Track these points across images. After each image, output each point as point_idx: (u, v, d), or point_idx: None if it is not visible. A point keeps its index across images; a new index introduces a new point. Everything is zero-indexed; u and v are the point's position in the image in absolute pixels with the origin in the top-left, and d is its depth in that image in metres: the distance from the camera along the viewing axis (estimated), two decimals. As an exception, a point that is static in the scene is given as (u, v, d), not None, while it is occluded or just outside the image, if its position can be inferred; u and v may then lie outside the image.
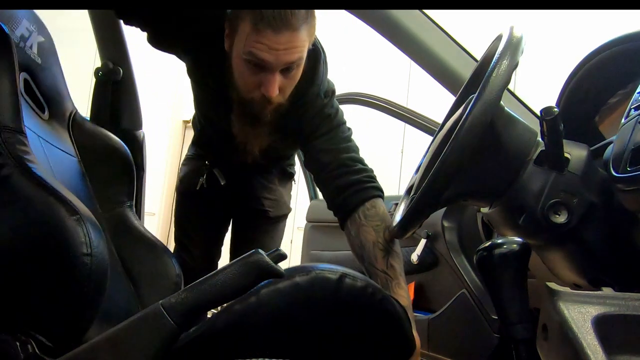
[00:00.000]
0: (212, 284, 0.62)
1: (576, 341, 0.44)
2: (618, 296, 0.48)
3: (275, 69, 0.97)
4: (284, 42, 0.93)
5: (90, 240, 0.66)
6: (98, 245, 0.68)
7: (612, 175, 0.58)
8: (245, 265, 0.63)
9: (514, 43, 0.65)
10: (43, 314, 0.67)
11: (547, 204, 0.63)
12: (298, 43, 0.95)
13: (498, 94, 0.61)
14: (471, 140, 0.61)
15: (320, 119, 1.12)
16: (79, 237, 0.66)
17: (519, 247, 0.70)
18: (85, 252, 0.66)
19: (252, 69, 0.98)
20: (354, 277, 0.67)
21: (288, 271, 0.68)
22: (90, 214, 0.71)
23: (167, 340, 0.60)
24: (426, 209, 0.67)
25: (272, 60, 0.95)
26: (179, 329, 0.60)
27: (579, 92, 0.84)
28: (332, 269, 0.68)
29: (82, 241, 0.66)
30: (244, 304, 0.66)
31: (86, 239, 0.66)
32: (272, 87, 0.97)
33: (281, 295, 0.66)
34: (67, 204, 0.67)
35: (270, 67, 0.96)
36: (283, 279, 0.66)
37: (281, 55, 0.95)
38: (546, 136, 0.64)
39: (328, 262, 2.23)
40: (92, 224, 0.68)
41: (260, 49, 0.94)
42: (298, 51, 0.96)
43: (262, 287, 0.66)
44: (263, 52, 0.94)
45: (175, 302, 0.61)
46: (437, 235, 1.56)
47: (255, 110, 1.06)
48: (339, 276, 0.67)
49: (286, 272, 0.67)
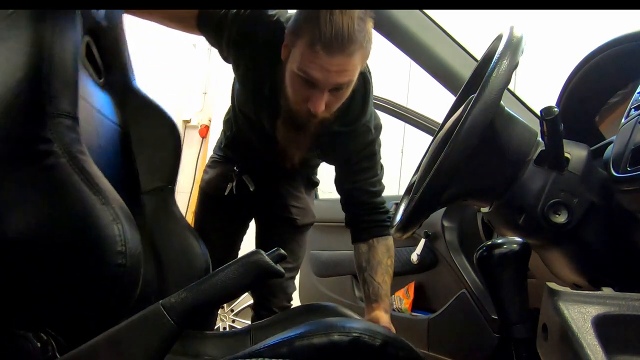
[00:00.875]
0: (212, 283, 0.62)
1: (576, 341, 0.44)
2: (618, 296, 0.48)
3: (324, 88, 1.02)
4: (337, 65, 0.98)
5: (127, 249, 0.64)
6: (134, 254, 0.65)
7: (612, 175, 0.58)
8: (246, 265, 0.63)
9: (514, 43, 0.64)
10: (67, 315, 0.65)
11: (547, 204, 0.63)
12: (350, 67, 1.00)
13: (498, 94, 0.61)
14: (471, 140, 0.61)
15: (366, 154, 1.23)
16: (116, 246, 0.63)
17: (519, 247, 0.69)
18: (121, 263, 0.63)
19: (303, 84, 1.03)
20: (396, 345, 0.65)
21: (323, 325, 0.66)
22: (131, 216, 0.68)
23: (167, 340, 0.60)
24: (426, 209, 0.67)
25: (322, 80, 1.00)
26: (179, 329, 0.60)
27: (579, 92, 0.84)
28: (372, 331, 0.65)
29: (119, 250, 0.63)
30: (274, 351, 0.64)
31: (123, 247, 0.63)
32: (319, 104, 1.03)
33: (316, 351, 0.64)
34: (110, 207, 0.64)
35: (320, 86, 1.02)
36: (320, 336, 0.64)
37: (332, 77, 1.00)
38: (546, 136, 0.64)
39: (326, 262, 2.22)
40: (130, 229, 0.66)
41: (312, 68, 0.99)
42: (349, 74, 1.02)
43: (296, 339, 0.65)
44: (315, 72, 0.99)
45: (175, 301, 0.61)
46: (437, 235, 1.56)
47: (299, 121, 1.12)
48: (380, 344, 0.65)
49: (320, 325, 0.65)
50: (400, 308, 1.69)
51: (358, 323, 0.68)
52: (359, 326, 0.67)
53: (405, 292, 1.70)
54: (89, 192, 0.63)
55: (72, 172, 0.63)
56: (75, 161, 0.64)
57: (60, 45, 0.65)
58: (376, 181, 1.27)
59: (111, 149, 0.92)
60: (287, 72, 1.06)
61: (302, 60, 0.99)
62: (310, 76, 1.00)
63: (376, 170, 1.27)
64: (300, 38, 0.99)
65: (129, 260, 0.64)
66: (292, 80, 1.05)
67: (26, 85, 0.62)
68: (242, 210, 1.53)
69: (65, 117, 0.65)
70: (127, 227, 0.65)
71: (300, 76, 1.02)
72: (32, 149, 0.62)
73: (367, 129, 1.21)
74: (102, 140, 0.87)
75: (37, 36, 0.63)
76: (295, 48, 1.02)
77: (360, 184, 1.25)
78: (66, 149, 0.63)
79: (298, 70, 1.01)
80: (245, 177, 1.43)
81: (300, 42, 0.99)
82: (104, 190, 0.65)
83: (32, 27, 0.63)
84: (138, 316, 0.61)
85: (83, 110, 0.74)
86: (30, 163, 0.62)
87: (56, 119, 0.64)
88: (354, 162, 1.23)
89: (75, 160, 0.64)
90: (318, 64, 0.98)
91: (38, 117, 0.62)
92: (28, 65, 0.62)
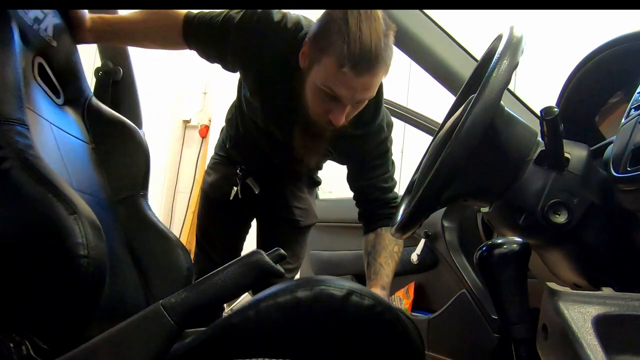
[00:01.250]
0: (212, 283, 0.62)
1: (576, 341, 0.44)
2: (618, 296, 0.48)
3: (347, 103, 1.04)
4: (362, 84, 1.00)
5: (87, 241, 0.65)
6: (96, 246, 0.66)
7: (612, 175, 0.58)
8: (245, 265, 0.63)
9: (514, 43, 0.64)
10: (37, 314, 0.65)
11: (547, 204, 0.63)
12: (374, 84, 1.02)
13: (498, 94, 0.61)
14: (471, 140, 0.61)
15: (379, 152, 1.25)
16: (76, 237, 0.64)
17: (519, 247, 0.69)
18: (83, 254, 0.64)
19: (326, 97, 1.04)
20: (361, 294, 0.63)
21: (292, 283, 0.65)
22: (91, 212, 0.69)
23: (167, 340, 0.60)
24: (426, 209, 0.67)
25: (347, 97, 1.02)
26: (179, 329, 0.60)
27: (579, 92, 0.84)
28: (337, 284, 0.64)
29: (80, 242, 0.64)
30: (242, 316, 0.64)
31: (84, 239, 0.65)
32: (340, 118, 1.05)
33: (281, 310, 0.63)
34: (66, 202, 0.65)
35: (344, 102, 1.03)
36: (285, 293, 0.63)
37: (357, 94, 1.02)
38: (546, 136, 0.64)
39: (327, 262, 2.23)
40: (90, 224, 0.67)
41: (338, 86, 1.00)
42: (372, 91, 1.04)
43: (262, 301, 0.64)
44: (341, 90, 1.00)
45: (175, 302, 0.61)
46: (437, 235, 1.56)
47: (317, 129, 1.13)
48: (345, 293, 0.63)
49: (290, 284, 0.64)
50: (400, 308, 1.69)
51: (326, 279, 0.66)
52: (324, 280, 0.65)
53: (405, 292, 1.70)
54: (44, 190, 0.65)
55: (26, 174, 0.65)
56: (27, 164, 0.66)
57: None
58: (388, 177, 1.29)
59: (77, 162, 0.94)
60: (309, 84, 1.06)
61: (328, 77, 1.00)
62: (336, 93, 1.01)
63: (388, 167, 1.28)
64: (327, 55, 0.98)
65: (91, 252, 0.65)
66: (313, 92, 1.05)
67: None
68: (245, 211, 1.52)
69: (14, 124, 0.68)
70: (86, 221, 0.66)
71: (324, 90, 1.02)
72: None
73: (381, 128, 1.23)
74: (64, 153, 0.89)
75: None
76: (320, 64, 1.01)
77: (373, 181, 1.27)
78: (18, 154, 0.66)
79: (323, 85, 1.01)
80: (250, 180, 1.42)
81: (326, 59, 0.99)
82: (59, 187, 0.66)
83: None
84: (138, 316, 0.61)
85: (42, 128, 0.78)
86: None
87: (5, 126, 0.67)
88: (368, 160, 1.25)
89: (27, 163, 0.66)
90: (344, 82, 0.98)
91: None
92: None
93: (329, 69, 0.99)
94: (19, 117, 0.69)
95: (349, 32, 0.95)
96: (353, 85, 0.99)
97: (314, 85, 1.03)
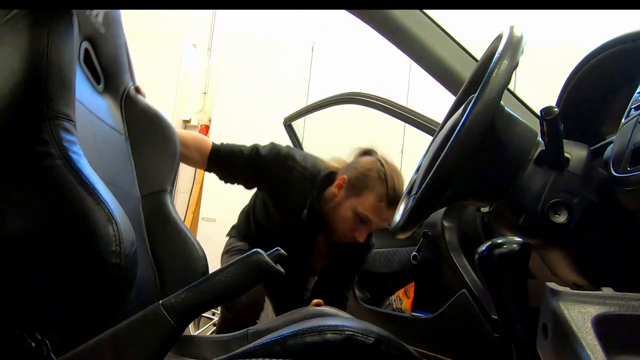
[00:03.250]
0: (212, 283, 0.62)
1: (576, 341, 0.44)
2: (618, 296, 0.48)
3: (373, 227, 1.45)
4: (389, 215, 1.39)
5: (122, 249, 0.64)
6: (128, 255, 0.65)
7: (612, 175, 0.58)
8: (245, 265, 0.63)
9: (514, 43, 0.64)
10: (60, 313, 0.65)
11: (547, 204, 0.63)
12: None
13: (498, 94, 0.61)
14: (471, 140, 0.61)
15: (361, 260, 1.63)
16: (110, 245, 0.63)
17: (519, 247, 0.69)
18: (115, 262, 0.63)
19: (357, 220, 1.42)
20: (389, 344, 0.65)
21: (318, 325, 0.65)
22: (126, 218, 0.68)
23: (167, 340, 0.60)
24: (426, 209, 0.67)
25: (376, 223, 1.43)
26: (179, 329, 0.60)
27: (579, 92, 0.83)
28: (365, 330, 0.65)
29: (114, 250, 0.63)
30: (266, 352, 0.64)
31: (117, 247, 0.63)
32: (364, 237, 1.46)
33: (309, 351, 0.64)
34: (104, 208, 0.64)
35: (372, 226, 1.43)
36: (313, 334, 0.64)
37: (383, 222, 1.43)
38: (546, 136, 0.63)
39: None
40: (125, 231, 0.66)
41: (374, 215, 1.41)
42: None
43: (289, 338, 0.64)
44: (375, 218, 1.41)
45: (175, 302, 0.61)
46: (437, 235, 1.56)
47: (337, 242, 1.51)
48: (373, 342, 0.65)
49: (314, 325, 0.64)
50: (400, 308, 1.69)
51: (352, 322, 0.68)
52: (352, 325, 0.67)
53: (405, 292, 1.70)
54: (84, 192, 0.64)
55: (68, 174, 0.64)
56: (70, 163, 0.64)
57: (57, 49, 0.66)
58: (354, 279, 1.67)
59: (109, 153, 0.93)
60: (344, 207, 1.43)
61: (367, 208, 1.40)
62: (370, 220, 1.41)
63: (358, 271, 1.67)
64: (370, 191, 1.40)
65: (124, 260, 0.64)
66: (347, 215, 1.42)
67: (24, 88, 0.63)
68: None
69: (62, 120, 0.66)
70: (122, 228, 0.65)
71: (359, 215, 1.40)
72: (29, 151, 0.62)
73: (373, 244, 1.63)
74: (99, 144, 0.88)
75: (34, 41, 0.64)
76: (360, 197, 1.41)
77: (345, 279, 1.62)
78: (62, 151, 0.64)
79: (360, 213, 1.40)
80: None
81: (368, 194, 1.40)
82: (99, 191, 0.65)
83: (29, 32, 0.64)
84: (138, 316, 0.61)
85: (81, 114, 0.75)
86: (28, 164, 0.62)
87: (53, 121, 0.64)
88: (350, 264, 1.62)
89: (70, 162, 0.64)
90: (378, 213, 1.40)
91: (35, 119, 0.63)
92: (26, 69, 0.63)
93: (370, 201, 1.39)
94: (68, 112, 0.67)
95: (387, 180, 1.39)
96: (384, 217, 1.40)
97: (353, 210, 1.41)
